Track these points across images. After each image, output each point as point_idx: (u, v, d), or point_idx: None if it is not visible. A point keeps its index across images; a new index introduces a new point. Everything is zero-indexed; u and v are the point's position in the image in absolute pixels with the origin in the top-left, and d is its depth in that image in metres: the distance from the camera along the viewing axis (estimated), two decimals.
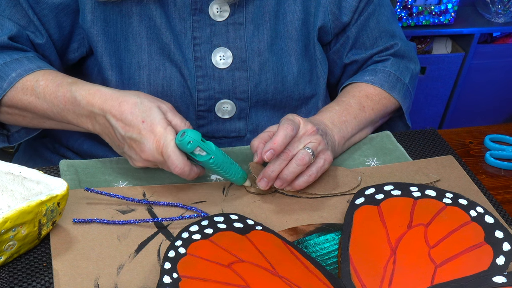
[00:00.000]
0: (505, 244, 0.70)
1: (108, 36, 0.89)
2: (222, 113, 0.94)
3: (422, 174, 0.86)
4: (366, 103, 0.95)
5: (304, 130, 0.80)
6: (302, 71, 0.96)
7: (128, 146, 0.77)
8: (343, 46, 1.01)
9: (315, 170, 0.79)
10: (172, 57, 0.89)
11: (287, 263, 0.67)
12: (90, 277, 0.67)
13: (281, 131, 0.77)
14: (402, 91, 1.00)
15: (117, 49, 0.89)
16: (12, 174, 0.72)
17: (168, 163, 0.75)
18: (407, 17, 1.93)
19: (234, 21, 0.91)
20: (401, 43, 1.02)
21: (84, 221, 0.73)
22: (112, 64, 0.90)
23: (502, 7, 2.00)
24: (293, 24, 0.94)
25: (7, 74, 0.84)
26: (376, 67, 1.00)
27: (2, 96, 0.84)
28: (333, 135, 0.87)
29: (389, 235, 0.72)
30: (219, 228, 0.70)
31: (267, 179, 0.78)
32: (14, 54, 0.86)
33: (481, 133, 1.01)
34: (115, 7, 0.88)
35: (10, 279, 0.66)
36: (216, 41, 0.91)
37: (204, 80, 0.91)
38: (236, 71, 0.92)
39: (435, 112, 2.16)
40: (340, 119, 0.90)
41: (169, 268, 0.62)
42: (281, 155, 0.78)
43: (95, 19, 0.87)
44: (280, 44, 0.94)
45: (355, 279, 0.66)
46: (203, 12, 0.90)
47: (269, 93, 0.94)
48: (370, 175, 0.86)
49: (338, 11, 0.96)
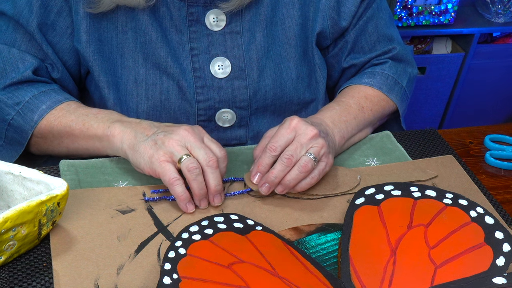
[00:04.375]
0: (505, 245, 0.70)
1: (103, 54, 0.89)
2: (223, 122, 0.94)
3: (420, 171, 0.87)
4: (365, 104, 0.95)
5: (305, 134, 0.79)
6: (300, 76, 0.96)
7: (163, 130, 0.78)
8: (341, 50, 1.01)
9: (317, 174, 0.79)
10: (170, 71, 0.90)
11: (287, 263, 0.67)
12: (90, 277, 0.67)
13: (263, 154, 0.79)
14: (400, 94, 1.00)
15: (113, 67, 0.90)
16: (12, 174, 0.72)
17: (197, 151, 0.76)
18: (407, 17, 1.93)
19: (231, 30, 0.91)
20: (399, 47, 1.03)
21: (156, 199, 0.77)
22: (109, 82, 0.90)
23: (502, 7, 2.00)
24: (291, 29, 0.94)
25: (37, 106, 0.86)
26: (375, 69, 1.00)
27: (34, 128, 0.86)
28: (333, 135, 0.87)
29: (389, 236, 0.72)
30: (219, 228, 0.70)
31: (269, 185, 0.78)
32: (41, 86, 0.88)
33: (481, 133, 1.01)
34: (110, 24, 0.88)
35: (10, 279, 0.66)
36: (214, 51, 0.91)
37: (203, 90, 0.91)
38: (235, 80, 0.92)
39: (435, 112, 2.16)
40: (341, 119, 0.90)
41: (169, 268, 0.62)
42: (284, 160, 0.77)
43: (90, 39, 0.88)
44: (278, 50, 0.94)
45: (355, 280, 0.66)
46: (200, 22, 0.90)
47: (269, 99, 0.94)
48: (369, 173, 0.86)
49: (337, 16, 0.96)
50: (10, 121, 0.87)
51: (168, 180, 0.75)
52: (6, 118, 0.88)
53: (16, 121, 0.87)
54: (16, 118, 0.87)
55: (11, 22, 0.88)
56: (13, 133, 0.88)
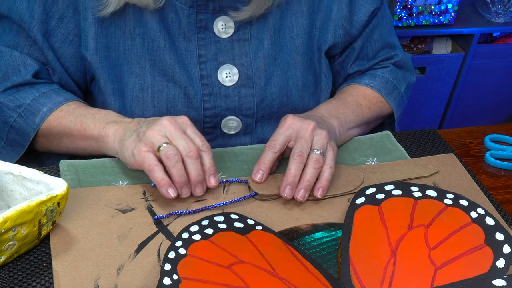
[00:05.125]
0: (506, 246, 0.70)
1: (110, 61, 0.89)
2: (228, 129, 0.94)
3: (421, 166, 0.87)
4: (364, 102, 0.97)
5: (305, 129, 0.81)
6: (306, 84, 0.96)
7: (147, 123, 0.78)
8: (348, 57, 1.02)
9: (330, 161, 0.80)
10: (177, 78, 0.89)
11: (287, 264, 0.67)
12: (90, 277, 0.66)
13: (264, 153, 0.80)
14: (397, 99, 1.02)
15: (120, 73, 0.89)
16: (12, 174, 0.72)
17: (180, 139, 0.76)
18: (407, 17, 1.93)
19: (239, 37, 0.91)
20: (401, 54, 1.04)
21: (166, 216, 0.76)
22: (114, 89, 0.90)
23: (502, 7, 2.00)
24: (299, 37, 0.94)
25: (38, 109, 0.87)
26: (376, 72, 1.02)
27: (36, 130, 0.87)
28: (330, 122, 0.88)
29: (390, 236, 0.72)
30: (220, 228, 0.70)
31: (291, 186, 0.78)
32: (41, 87, 0.89)
33: (481, 133, 1.01)
34: (118, 30, 0.88)
35: (10, 279, 0.66)
36: (221, 58, 0.91)
37: (210, 98, 0.91)
38: (242, 88, 0.92)
39: (435, 112, 2.16)
40: (338, 111, 0.92)
41: (169, 269, 0.62)
42: (296, 159, 0.78)
43: (98, 46, 0.88)
44: (286, 58, 0.94)
45: (355, 280, 0.66)
46: (208, 29, 0.90)
47: (274, 107, 0.95)
48: (371, 171, 0.86)
49: (349, 26, 0.97)
50: (13, 124, 0.88)
51: (147, 167, 0.75)
52: (8, 121, 0.88)
53: (18, 124, 0.87)
54: (18, 121, 0.87)
55: (14, 25, 0.88)
56: (14, 135, 0.89)
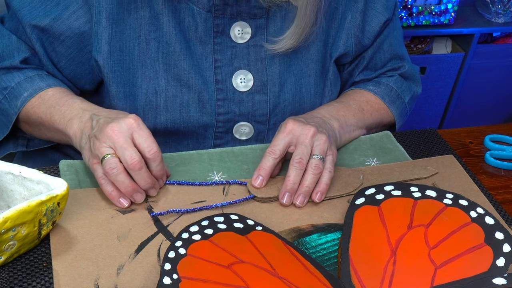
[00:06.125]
0: (505, 245, 0.70)
1: (123, 65, 0.88)
2: (240, 134, 0.94)
3: (420, 168, 0.87)
4: (366, 107, 0.97)
5: (305, 135, 0.81)
6: (318, 92, 0.96)
7: (97, 130, 0.77)
8: (357, 66, 1.02)
9: (329, 166, 0.81)
10: (191, 82, 0.89)
11: (287, 264, 0.67)
12: (90, 277, 0.66)
13: (264, 158, 0.81)
14: (400, 108, 1.02)
15: (133, 77, 0.89)
16: (12, 174, 0.72)
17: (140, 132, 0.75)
18: (407, 17, 1.93)
19: (255, 43, 0.91)
20: (408, 66, 1.04)
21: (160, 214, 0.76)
22: (126, 93, 0.89)
23: (502, 7, 2.00)
24: (315, 44, 0.94)
25: (20, 93, 0.87)
26: (380, 80, 1.02)
27: (17, 114, 0.87)
28: (331, 123, 0.88)
29: (389, 236, 0.72)
30: (219, 228, 0.70)
31: (290, 193, 0.78)
32: (28, 72, 0.89)
33: (481, 133, 1.01)
34: (133, 33, 0.87)
35: (10, 279, 0.66)
36: (237, 64, 0.91)
37: (224, 103, 0.91)
38: (256, 95, 0.92)
39: (435, 112, 2.16)
40: (339, 113, 0.92)
41: (169, 269, 0.62)
42: (296, 165, 0.78)
43: (112, 49, 0.87)
44: (300, 65, 0.94)
45: (355, 280, 0.66)
46: (225, 34, 0.89)
47: (287, 113, 0.94)
48: (370, 173, 0.86)
49: (361, 35, 0.97)
50: None
51: (97, 180, 0.76)
52: None
53: (3, 105, 0.88)
54: (3, 102, 0.88)
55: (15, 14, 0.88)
56: (0, 115, 0.90)
